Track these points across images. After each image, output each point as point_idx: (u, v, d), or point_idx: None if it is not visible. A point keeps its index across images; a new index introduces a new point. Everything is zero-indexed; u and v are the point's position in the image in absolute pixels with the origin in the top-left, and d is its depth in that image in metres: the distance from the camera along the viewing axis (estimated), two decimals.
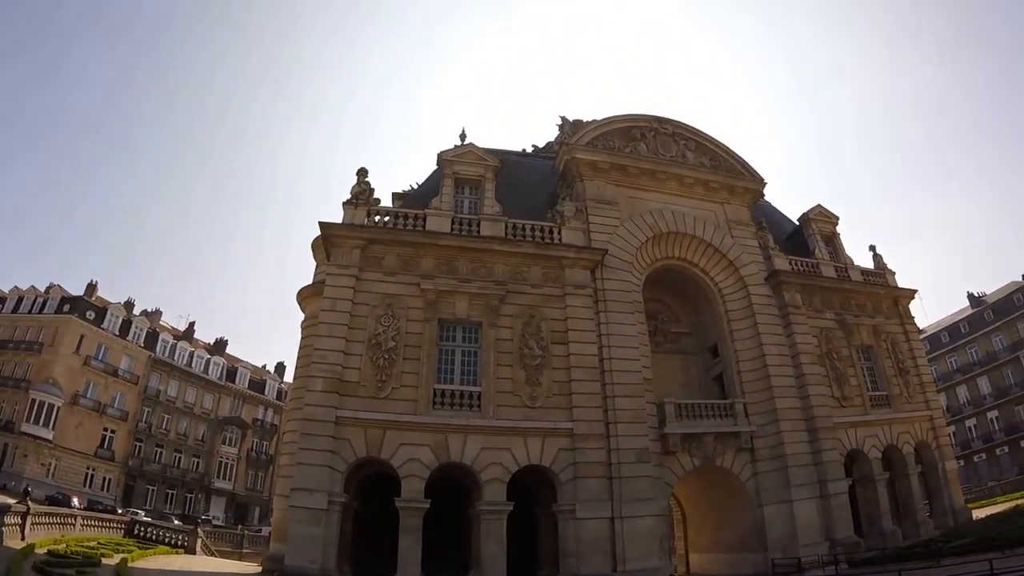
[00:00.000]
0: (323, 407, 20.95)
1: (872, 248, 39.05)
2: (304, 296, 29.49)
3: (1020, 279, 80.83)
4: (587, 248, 26.77)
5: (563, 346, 24.45)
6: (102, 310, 61.59)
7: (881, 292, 36.22)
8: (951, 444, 38.89)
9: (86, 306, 60.09)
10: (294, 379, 31.73)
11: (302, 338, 29.05)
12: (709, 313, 31.90)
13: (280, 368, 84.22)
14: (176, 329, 73.89)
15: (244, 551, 42.02)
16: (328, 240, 23.90)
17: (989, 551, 18.86)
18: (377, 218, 25.24)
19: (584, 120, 32.79)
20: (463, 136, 30.82)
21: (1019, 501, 36.53)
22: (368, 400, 21.59)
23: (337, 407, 21.03)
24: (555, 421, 23.29)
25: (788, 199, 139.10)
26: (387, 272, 23.87)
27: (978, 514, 34.46)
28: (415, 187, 31.98)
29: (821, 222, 36.84)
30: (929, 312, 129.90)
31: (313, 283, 29.03)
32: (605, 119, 32.17)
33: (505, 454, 22.19)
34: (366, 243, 23.89)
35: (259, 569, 27.33)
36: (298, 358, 28.93)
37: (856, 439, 30.00)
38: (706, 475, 28.30)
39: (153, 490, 62.15)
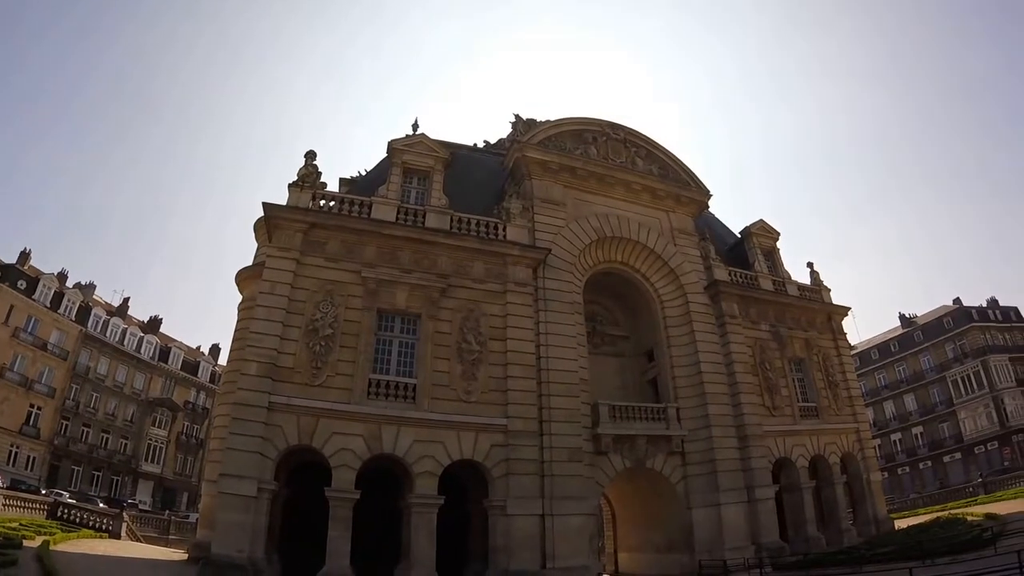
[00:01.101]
0: (256, 392, 20.34)
1: (810, 265, 40.21)
2: (243, 277, 28.90)
3: (951, 304, 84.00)
4: (531, 247, 26.90)
5: (501, 342, 24.43)
6: (34, 280, 58.77)
7: (816, 307, 37.32)
8: (876, 456, 40.25)
9: (17, 275, 57.36)
10: (228, 362, 31.12)
11: (238, 320, 28.49)
12: (647, 318, 32.39)
13: (215, 350, 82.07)
14: (110, 304, 71.22)
15: (170, 537, 40.88)
16: (271, 222, 23.26)
17: (910, 560, 19.52)
18: (322, 202, 24.68)
19: (538, 120, 33.01)
20: (416, 126, 30.67)
21: (940, 514, 37.86)
22: (302, 387, 21.10)
23: (270, 392, 20.46)
24: (490, 417, 23.22)
25: (732, 214, 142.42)
26: (329, 258, 23.41)
27: (900, 524, 35.79)
28: (363, 174, 31.71)
29: (762, 236, 37.70)
30: (861, 330, 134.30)
31: (253, 265, 28.45)
32: (558, 120, 32.34)
33: (438, 447, 22.04)
34: (309, 227, 23.36)
35: (185, 556, 26.71)
36: (233, 341, 28.34)
37: (785, 447, 30.91)
38: (637, 476, 28.72)
39: (79, 471, 59.94)
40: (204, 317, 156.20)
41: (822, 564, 22.68)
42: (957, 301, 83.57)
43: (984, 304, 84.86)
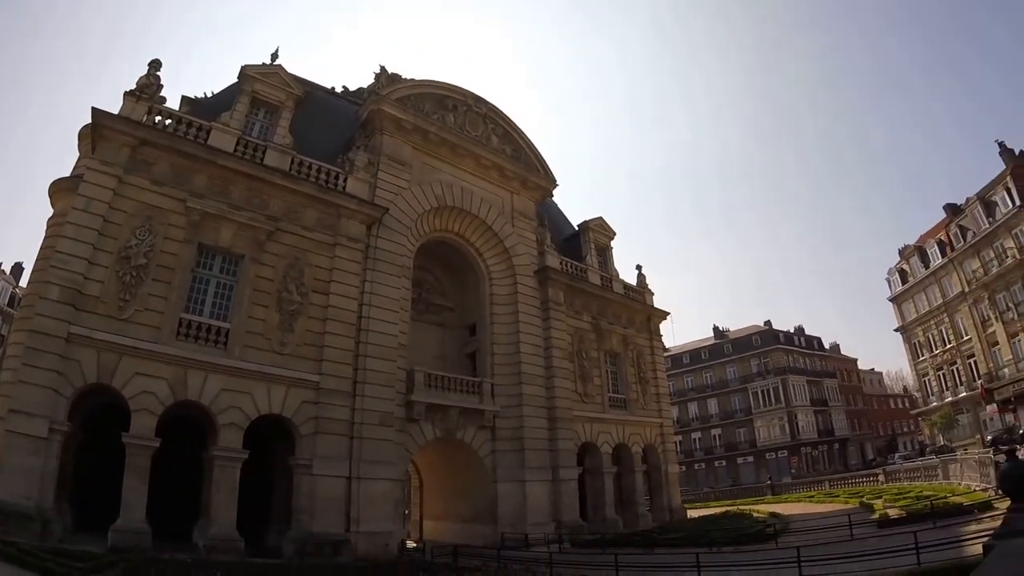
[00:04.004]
0: (54, 320, 18.17)
1: (638, 268, 43.10)
2: (57, 190, 25.81)
3: (761, 324, 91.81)
4: (369, 203, 26.51)
5: (324, 296, 23.93)
6: None
7: (638, 307, 39.99)
8: (676, 451, 43.96)
9: None
10: (28, 284, 28.33)
11: (45, 238, 25.79)
12: (474, 293, 33.22)
13: (17, 270, 73.56)
14: None
15: None
16: (97, 131, 20.92)
17: (698, 546, 21.26)
18: (158, 118, 22.46)
19: (403, 76, 32.50)
20: (275, 56, 29.32)
21: (730, 508, 42.02)
22: (107, 319, 19.12)
23: (71, 322, 18.37)
24: (303, 371, 22.46)
25: (577, 210, 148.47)
26: (154, 181, 21.36)
27: (693, 514, 39.77)
28: (208, 96, 29.84)
29: (598, 233, 39.73)
30: (678, 335, 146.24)
31: (71, 176, 25.62)
32: (423, 80, 32.19)
33: (246, 399, 20.98)
34: (139, 143, 21.15)
35: None
36: (37, 261, 25.47)
37: (591, 433, 33.24)
38: (447, 447, 29.58)
39: None
40: (7, 232, 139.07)
41: (617, 544, 24.01)
42: (768, 323, 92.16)
43: (791, 330, 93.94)
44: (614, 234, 41.01)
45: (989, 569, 4.35)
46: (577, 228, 40.46)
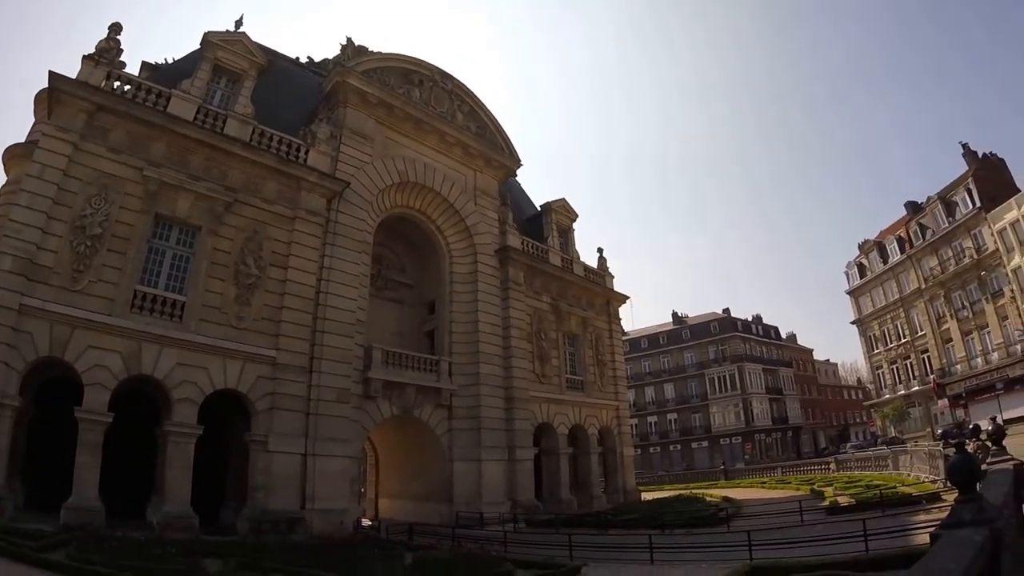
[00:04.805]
0: (7, 291, 17.66)
1: (600, 251, 43.54)
2: (11, 156, 25.02)
3: (720, 312, 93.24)
4: (330, 176, 26.30)
5: (282, 270, 23.71)
6: None
7: (597, 290, 40.60)
8: (632, 434, 44.83)
9: None
10: None
11: None
12: (434, 270, 33.32)
13: None
14: None
15: None
16: (54, 95, 20.31)
17: (651, 528, 21.91)
18: (117, 84, 21.86)
19: (370, 49, 32.15)
20: (239, 24, 28.80)
21: (682, 491, 43.05)
22: (60, 291, 18.69)
23: (23, 293, 17.90)
24: (259, 346, 22.30)
25: (542, 190, 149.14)
26: (111, 148, 20.80)
27: (647, 497, 40.78)
28: (170, 62, 29.27)
29: (560, 214, 40.06)
30: (637, 319, 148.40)
31: (25, 142, 24.98)
32: (390, 54, 31.91)
33: (201, 373, 20.78)
34: (96, 109, 20.57)
35: None
36: None
37: (548, 414, 33.77)
38: (403, 425, 29.79)
39: None
40: None
41: (572, 525, 24.63)
42: (726, 311, 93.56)
43: (749, 318, 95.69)
44: (576, 216, 41.41)
45: (935, 558, 4.48)
46: (540, 209, 40.66)
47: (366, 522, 29.45)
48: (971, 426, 26.20)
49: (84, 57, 21.23)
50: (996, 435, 15.94)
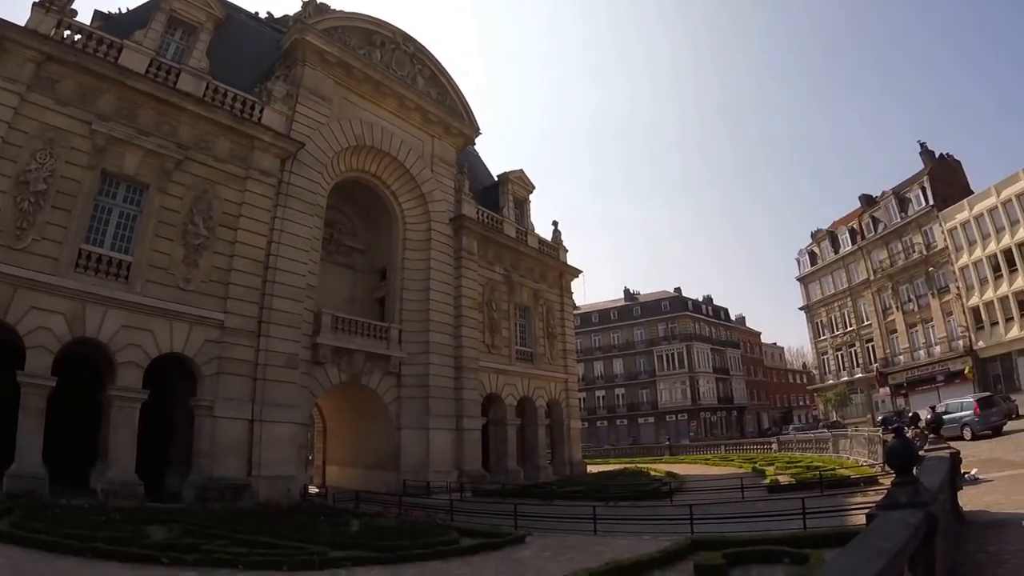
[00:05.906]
0: None
1: (555, 224, 44.06)
2: None
3: (671, 291, 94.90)
4: (285, 136, 25.80)
5: (232, 231, 23.36)
6: None
7: (551, 263, 41.20)
8: (579, 407, 45.85)
9: None
10: None
11: None
12: (387, 237, 33.23)
13: None
14: None
15: None
16: (1, 44, 19.25)
17: (596, 500, 22.32)
18: (67, 33, 20.98)
19: (332, 7, 31.49)
20: None
21: (627, 465, 44.13)
22: (2, 249, 18.07)
23: None
24: (207, 309, 22.04)
25: (500, 160, 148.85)
26: (59, 100, 20.04)
27: (593, 470, 41.56)
28: (123, 12, 28.25)
29: (517, 185, 40.31)
30: (589, 294, 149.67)
31: None
32: (352, 13, 31.27)
33: (147, 336, 20.39)
34: (44, 58, 19.75)
35: None
36: None
37: (496, 385, 34.36)
38: (352, 392, 29.96)
39: None
40: None
41: (518, 495, 24.98)
42: (678, 290, 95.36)
43: (700, 299, 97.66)
44: (533, 188, 41.63)
45: (871, 536, 4.76)
46: (497, 179, 40.87)
47: (313, 490, 29.75)
48: (910, 414, 27.36)
49: (34, 4, 20.32)
50: (935, 424, 16.87)
